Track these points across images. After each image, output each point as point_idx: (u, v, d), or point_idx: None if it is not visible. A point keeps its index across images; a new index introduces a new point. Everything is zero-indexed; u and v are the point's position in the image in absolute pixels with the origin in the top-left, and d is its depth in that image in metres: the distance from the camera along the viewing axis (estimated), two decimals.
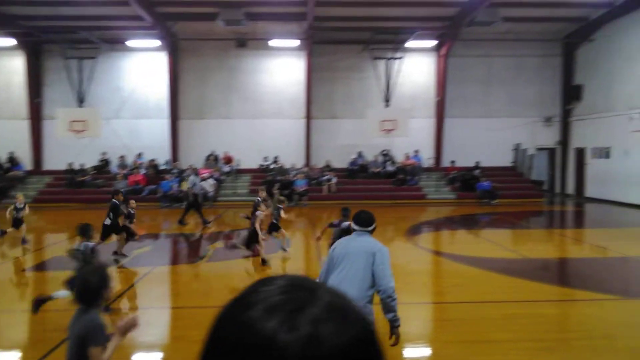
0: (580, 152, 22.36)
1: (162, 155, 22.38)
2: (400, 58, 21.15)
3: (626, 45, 19.26)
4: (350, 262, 3.90)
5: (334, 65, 22.89)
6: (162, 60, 22.28)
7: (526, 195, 20.90)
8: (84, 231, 6.64)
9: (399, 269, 10.00)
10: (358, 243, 4.03)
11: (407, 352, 5.49)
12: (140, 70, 22.74)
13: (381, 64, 21.34)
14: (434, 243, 12.77)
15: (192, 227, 14.46)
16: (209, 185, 19.69)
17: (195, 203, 14.81)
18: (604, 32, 20.52)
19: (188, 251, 11.96)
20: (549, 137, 23.63)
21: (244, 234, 10.68)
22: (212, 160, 21.96)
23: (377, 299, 3.95)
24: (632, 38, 18.92)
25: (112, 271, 9.02)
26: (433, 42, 22.10)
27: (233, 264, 9.90)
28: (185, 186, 19.67)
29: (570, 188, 23.13)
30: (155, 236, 13.59)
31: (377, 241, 4.12)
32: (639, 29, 18.52)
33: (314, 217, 16.77)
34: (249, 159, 22.41)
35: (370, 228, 4.17)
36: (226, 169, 21.93)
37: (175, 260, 11.08)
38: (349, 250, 3.99)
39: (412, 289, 8.30)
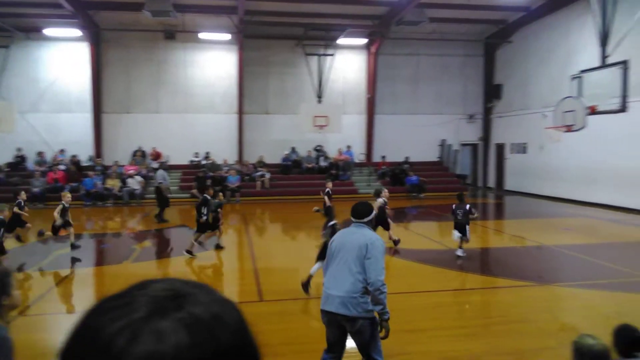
0: (500, 148, 23.76)
1: (84, 151, 21.24)
2: (332, 55, 21.39)
3: (540, 48, 20.66)
4: (345, 255, 3.95)
5: (266, 60, 22.75)
6: (84, 51, 21.09)
7: (451, 188, 21.87)
8: None
9: None
10: (354, 236, 4.04)
11: (350, 342, 5.61)
12: (60, 61, 21.38)
13: (314, 60, 21.48)
14: None
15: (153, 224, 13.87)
16: (135, 182, 18.95)
17: (165, 199, 14.71)
18: (521, 34, 21.89)
19: (113, 252, 11.46)
20: (472, 133, 24.91)
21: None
22: (139, 156, 21.12)
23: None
24: (544, 41, 20.32)
25: (15, 277, 8.50)
26: (364, 40, 22.56)
27: (160, 264, 9.62)
28: (112, 183, 18.83)
29: (492, 181, 24.54)
30: (78, 237, 12.90)
31: (373, 233, 4.14)
32: (551, 33, 19.92)
33: (248, 213, 16.63)
34: (180, 155, 21.79)
35: (366, 219, 4.15)
36: (155, 165, 21.18)
37: (99, 262, 10.60)
38: (345, 243, 4.03)
39: None
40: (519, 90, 22.20)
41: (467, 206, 9.45)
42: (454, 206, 9.62)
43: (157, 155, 21.41)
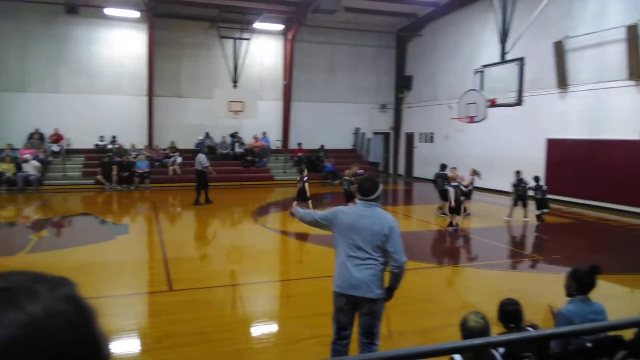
0: (410, 137, 24.80)
1: None
2: (248, 39, 20.99)
3: (447, 42, 21.73)
4: (362, 238, 3.85)
5: (179, 42, 21.82)
6: None
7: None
8: None
9: (248, 250, 10.09)
10: (369, 219, 3.90)
11: (255, 330, 5.59)
12: None
13: (229, 43, 20.94)
14: (281, 223, 13.09)
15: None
16: (31, 167, 17.46)
17: (205, 181, 14.42)
18: (430, 28, 22.88)
19: (6, 242, 10.50)
20: (384, 122, 25.76)
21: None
22: (36, 139, 19.43)
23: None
24: (451, 36, 21.41)
25: None
26: (280, 26, 22.36)
27: (58, 255, 8.96)
28: (5, 168, 17.20)
29: (402, 169, 25.59)
30: None
31: (387, 214, 4.02)
32: (457, 28, 21.01)
33: (158, 200, 15.97)
34: (83, 138, 20.34)
35: (374, 196, 4.01)
36: (54, 148, 19.64)
37: None
38: (359, 225, 3.89)
39: (260, 269, 8.44)
40: (428, 82, 23.24)
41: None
42: None
43: (58, 138, 19.85)
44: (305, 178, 12.48)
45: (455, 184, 11.27)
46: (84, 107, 20.55)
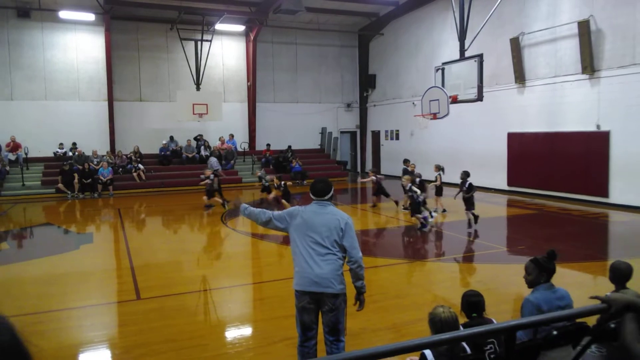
0: (376, 135, 25.02)
1: None
2: (209, 41, 20.73)
3: (409, 40, 22.03)
4: (318, 235, 3.92)
5: (137, 44, 21.37)
6: None
7: (333, 175, 22.62)
8: None
9: (218, 254, 9.97)
10: (324, 216, 3.99)
11: (227, 335, 5.52)
12: None
13: (190, 45, 20.63)
14: (251, 225, 12.98)
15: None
16: None
17: (218, 184, 14.93)
18: (392, 27, 23.14)
19: None
20: (350, 121, 25.91)
21: None
22: None
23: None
24: (412, 34, 21.71)
25: None
26: (242, 27, 22.19)
27: (20, 267, 8.64)
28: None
29: (369, 166, 25.75)
30: None
31: (340, 211, 4.12)
32: (418, 27, 21.32)
33: (122, 207, 15.60)
34: (42, 146, 19.67)
35: (328, 197, 4.12)
36: (11, 157, 18.91)
37: None
38: (313, 223, 3.96)
39: (231, 272, 8.36)
40: (391, 80, 23.51)
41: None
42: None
43: (15, 147, 19.12)
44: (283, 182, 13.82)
45: (409, 185, 11.35)
46: (41, 114, 19.88)
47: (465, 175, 11.34)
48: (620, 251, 9.13)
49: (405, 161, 15.01)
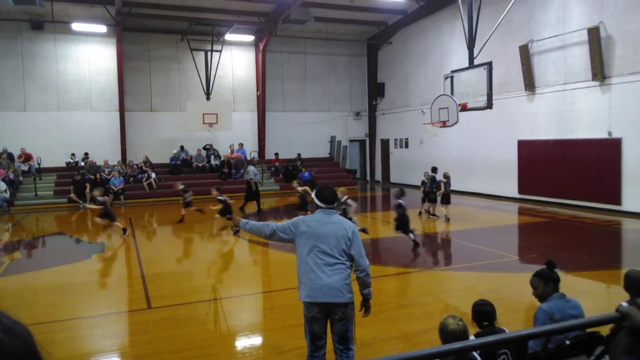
0: (386, 143, 25.01)
1: None
2: (219, 51, 20.93)
3: (417, 49, 22.06)
4: (326, 245, 3.90)
5: (149, 55, 21.63)
6: None
7: (342, 183, 22.57)
8: None
9: (228, 263, 9.99)
10: (331, 225, 3.98)
11: (237, 344, 5.52)
12: None
13: (200, 55, 20.85)
14: None
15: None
16: None
17: (256, 192, 16.05)
18: (400, 36, 23.20)
19: None
20: (359, 129, 25.94)
21: None
22: (4, 158, 18.93)
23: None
24: (421, 42, 21.74)
25: None
26: (251, 37, 22.38)
27: (32, 277, 8.72)
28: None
29: (379, 175, 25.76)
30: None
31: (347, 220, 4.18)
32: (426, 35, 21.35)
33: (134, 216, 15.70)
34: (54, 157, 19.93)
35: (334, 205, 4.16)
36: (23, 168, 19.16)
37: None
38: (321, 233, 3.94)
39: (241, 281, 8.37)
40: (400, 88, 23.52)
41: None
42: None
43: (27, 158, 19.38)
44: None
45: (398, 202, 10.19)
46: (53, 125, 20.15)
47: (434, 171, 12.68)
48: (634, 259, 9.01)
49: (433, 169, 14.66)
